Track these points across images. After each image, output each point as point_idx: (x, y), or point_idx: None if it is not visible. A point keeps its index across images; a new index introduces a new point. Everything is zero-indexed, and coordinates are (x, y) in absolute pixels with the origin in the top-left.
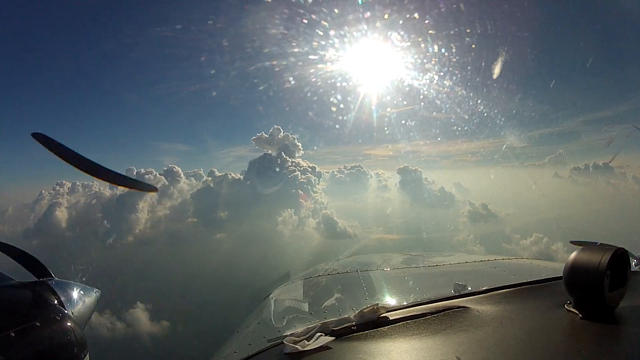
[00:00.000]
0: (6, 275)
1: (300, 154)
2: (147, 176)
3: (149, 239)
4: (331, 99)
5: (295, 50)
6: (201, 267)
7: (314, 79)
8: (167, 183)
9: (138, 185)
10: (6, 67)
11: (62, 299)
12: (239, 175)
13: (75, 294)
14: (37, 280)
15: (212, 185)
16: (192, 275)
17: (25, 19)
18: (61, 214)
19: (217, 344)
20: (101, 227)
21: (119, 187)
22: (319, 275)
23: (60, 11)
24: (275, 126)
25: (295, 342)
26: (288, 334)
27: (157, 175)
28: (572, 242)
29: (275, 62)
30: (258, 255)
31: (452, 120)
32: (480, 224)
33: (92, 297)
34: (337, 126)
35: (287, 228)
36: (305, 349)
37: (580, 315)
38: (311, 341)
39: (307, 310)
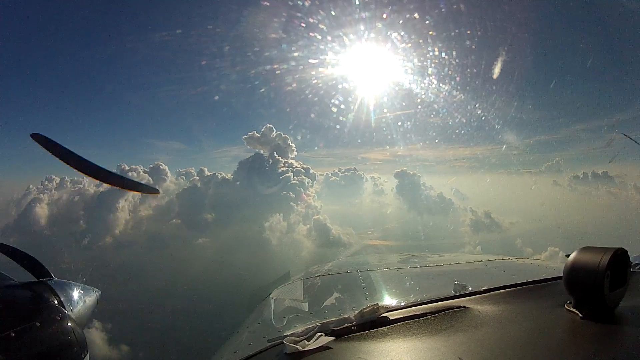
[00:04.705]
0: (6, 275)
1: (294, 155)
2: (131, 173)
3: (127, 241)
4: (327, 102)
5: (294, 53)
6: (177, 278)
7: (311, 82)
8: (151, 181)
9: (139, 187)
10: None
11: (62, 299)
12: (229, 175)
13: (75, 294)
14: (37, 280)
15: (199, 185)
16: (167, 287)
17: (25, 17)
18: (41, 211)
19: None
20: (80, 227)
21: (120, 188)
22: (319, 276)
23: (57, 9)
24: (268, 125)
25: (296, 342)
26: (288, 334)
27: (142, 172)
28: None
29: (273, 65)
30: (243, 266)
31: (449, 125)
32: (483, 233)
33: (92, 297)
34: (333, 128)
35: (275, 235)
36: (305, 349)
37: (580, 315)
38: (311, 341)
39: (307, 310)
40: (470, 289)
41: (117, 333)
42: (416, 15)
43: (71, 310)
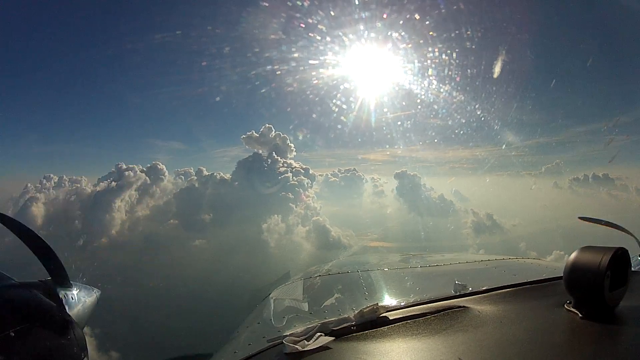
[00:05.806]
0: (6, 275)
1: (293, 155)
2: (128, 172)
3: (123, 241)
4: (327, 102)
5: (293, 54)
6: (174, 279)
7: (311, 82)
8: (149, 181)
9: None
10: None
11: (62, 299)
12: (227, 176)
13: (75, 294)
14: (37, 280)
15: (197, 185)
16: (164, 288)
17: (25, 17)
18: (37, 210)
19: None
20: (75, 227)
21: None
22: (319, 275)
23: (57, 8)
24: (267, 125)
25: (295, 342)
26: (288, 334)
27: (139, 172)
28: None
29: (273, 66)
30: (241, 268)
31: (449, 126)
32: (485, 235)
33: (92, 297)
34: (332, 128)
35: (274, 236)
36: (305, 349)
37: (581, 315)
38: (311, 341)
39: (306, 310)
40: (470, 288)
41: (109, 338)
42: (417, 15)
43: (71, 310)
